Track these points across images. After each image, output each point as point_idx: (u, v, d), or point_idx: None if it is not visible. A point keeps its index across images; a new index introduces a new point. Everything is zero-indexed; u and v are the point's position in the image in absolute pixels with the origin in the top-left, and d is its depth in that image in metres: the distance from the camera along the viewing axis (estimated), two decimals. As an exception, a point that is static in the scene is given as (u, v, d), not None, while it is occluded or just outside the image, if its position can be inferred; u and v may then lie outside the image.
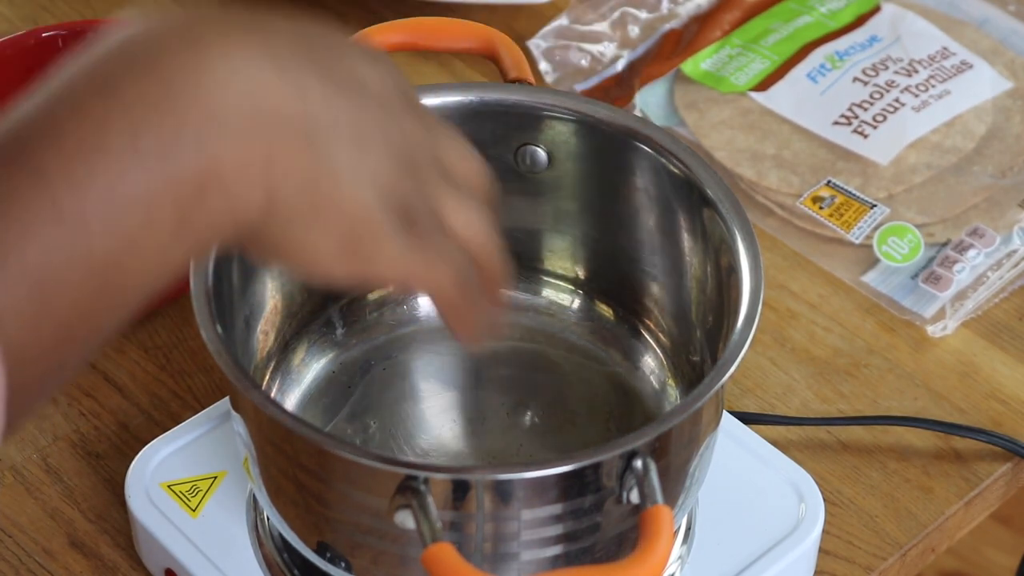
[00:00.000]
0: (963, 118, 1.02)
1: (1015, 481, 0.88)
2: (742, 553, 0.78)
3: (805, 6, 1.09)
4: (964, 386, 0.90)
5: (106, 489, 0.84)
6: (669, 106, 1.04)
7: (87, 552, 0.82)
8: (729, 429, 0.83)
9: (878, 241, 0.96)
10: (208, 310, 0.69)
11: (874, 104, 1.02)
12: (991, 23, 1.10)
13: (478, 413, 0.82)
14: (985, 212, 0.97)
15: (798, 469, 0.82)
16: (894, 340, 0.93)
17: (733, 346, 0.70)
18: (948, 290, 0.93)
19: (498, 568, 0.69)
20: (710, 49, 1.07)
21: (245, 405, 0.71)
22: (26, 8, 1.12)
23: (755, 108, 1.03)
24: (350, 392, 0.82)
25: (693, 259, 0.79)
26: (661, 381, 0.82)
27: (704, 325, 0.78)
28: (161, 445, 0.81)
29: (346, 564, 0.72)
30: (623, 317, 0.84)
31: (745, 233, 0.74)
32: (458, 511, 0.67)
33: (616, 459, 0.66)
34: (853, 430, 0.88)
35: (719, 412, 0.74)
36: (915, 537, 0.84)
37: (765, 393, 0.90)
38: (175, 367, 0.90)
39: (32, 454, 0.86)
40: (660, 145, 0.78)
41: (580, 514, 0.68)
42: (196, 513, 0.79)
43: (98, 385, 0.89)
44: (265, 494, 0.73)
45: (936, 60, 1.05)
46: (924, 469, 0.86)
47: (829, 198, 0.98)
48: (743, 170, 1.00)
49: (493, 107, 0.80)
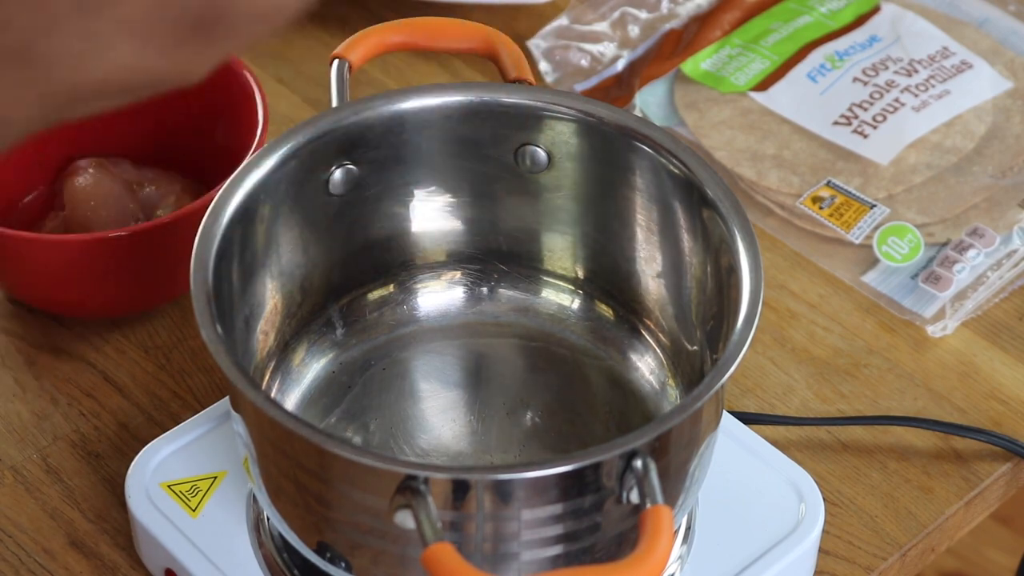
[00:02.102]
0: (963, 118, 1.02)
1: (1015, 481, 0.88)
2: (742, 553, 0.78)
3: (805, 6, 1.09)
4: (964, 386, 0.91)
5: (106, 489, 0.84)
6: (669, 106, 1.04)
7: (87, 552, 0.82)
8: (729, 429, 0.83)
9: (878, 241, 0.96)
10: (208, 310, 0.69)
11: (874, 104, 1.02)
12: (991, 23, 1.10)
13: (478, 413, 0.82)
14: (985, 212, 0.97)
15: (798, 469, 0.82)
16: (894, 340, 0.93)
17: (733, 346, 0.70)
18: (948, 290, 0.93)
19: (498, 568, 0.69)
20: (710, 49, 1.07)
21: (245, 405, 0.71)
22: (26, 8, 1.12)
23: (755, 108, 1.03)
24: (350, 392, 0.82)
25: (693, 259, 0.79)
26: (661, 381, 0.82)
27: (704, 325, 0.78)
28: (161, 445, 0.81)
29: (346, 564, 0.72)
30: (623, 317, 0.84)
31: (745, 233, 0.74)
32: (458, 511, 0.67)
33: (616, 459, 0.66)
34: (853, 430, 0.88)
35: (719, 412, 0.74)
36: (915, 537, 0.84)
37: (765, 393, 0.90)
38: (175, 367, 0.90)
39: (32, 454, 0.86)
40: (660, 145, 0.78)
41: (580, 514, 0.68)
42: (196, 513, 0.79)
43: (98, 385, 0.89)
44: (265, 494, 0.73)
45: (936, 60, 1.05)
46: (924, 469, 0.86)
47: (829, 198, 0.98)
48: (743, 170, 1.00)
49: (493, 107, 0.80)
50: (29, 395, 0.89)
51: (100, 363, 0.90)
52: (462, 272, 0.85)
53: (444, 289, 0.85)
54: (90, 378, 0.89)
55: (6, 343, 0.91)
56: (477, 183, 0.83)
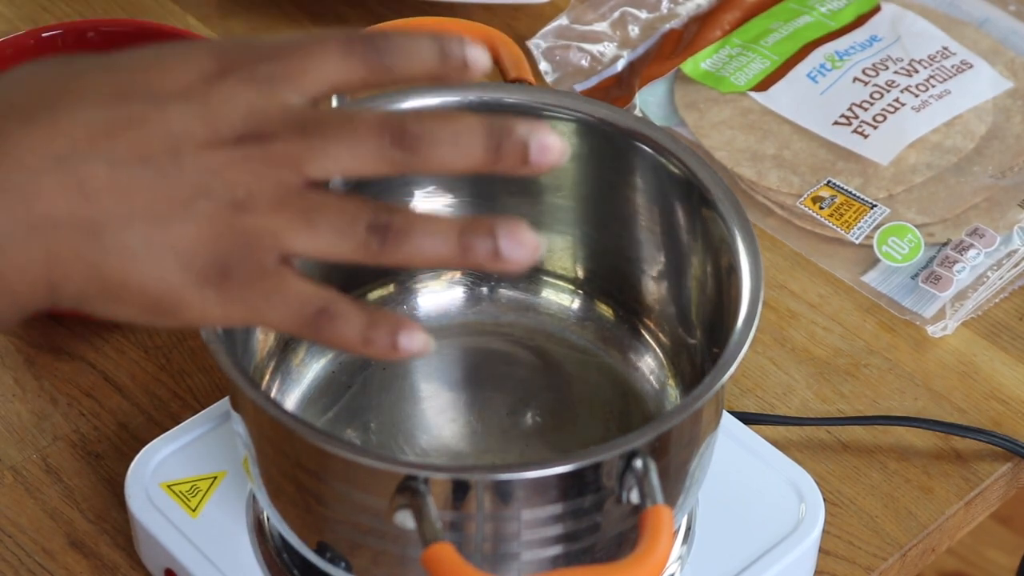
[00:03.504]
0: (963, 118, 1.02)
1: (1015, 481, 0.88)
2: (742, 553, 0.78)
3: (805, 6, 1.09)
4: (964, 386, 0.91)
5: (106, 489, 0.84)
6: (669, 106, 1.04)
7: (87, 552, 0.82)
8: (729, 429, 0.83)
9: (878, 241, 0.96)
10: (208, 310, 0.69)
11: (874, 104, 1.02)
12: (991, 23, 1.10)
13: (478, 413, 0.82)
14: (985, 212, 0.97)
15: (798, 469, 0.82)
16: (894, 340, 0.93)
17: (733, 346, 0.70)
18: (948, 290, 0.93)
19: (498, 568, 0.69)
20: (710, 49, 1.07)
21: (245, 405, 0.71)
22: (26, 8, 1.12)
23: (755, 108, 1.03)
24: (350, 392, 0.82)
25: (693, 259, 0.79)
26: (661, 381, 0.82)
27: (704, 325, 0.78)
28: (161, 445, 0.81)
29: (346, 564, 0.72)
30: (623, 317, 0.84)
31: (745, 233, 0.74)
32: (458, 511, 0.67)
33: (616, 459, 0.66)
34: (853, 430, 0.88)
35: (719, 412, 0.74)
36: (915, 537, 0.84)
37: (765, 393, 0.90)
38: (175, 367, 0.90)
39: (32, 454, 0.86)
40: (660, 145, 0.78)
41: (580, 514, 0.68)
42: (196, 513, 0.79)
43: (98, 385, 0.89)
44: (265, 494, 0.73)
45: (936, 60, 1.05)
46: (924, 469, 0.86)
47: (829, 198, 0.98)
48: (743, 170, 1.00)
49: (493, 107, 0.79)
50: (29, 395, 0.89)
51: (100, 363, 0.90)
52: (462, 272, 0.85)
53: (444, 289, 0.85)
54: (90, 378, 0.89)
55: (6, 343, 0.91)
56: (477, 183, 0.82)
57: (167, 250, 0.57)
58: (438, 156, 0.58)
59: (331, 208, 0.58)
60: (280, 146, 0.57)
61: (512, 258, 0.57)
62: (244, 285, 0.58)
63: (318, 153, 0.57)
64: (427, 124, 0.58)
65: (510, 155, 0.58)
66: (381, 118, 0.58)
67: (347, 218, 0.57)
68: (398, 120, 0.58)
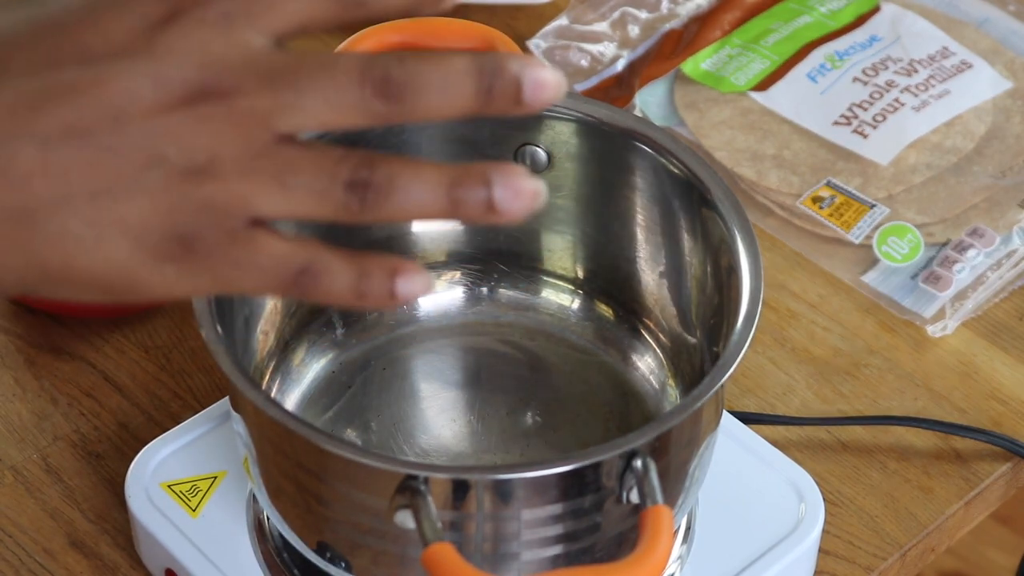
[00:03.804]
0: (963, 118, 1.02)
1: (1015, 481, 0.88)
2: (742, 553, 0.78)
3: (805, 6, 1.09)
4: (964, 386, 0.91)
5: (106, 489, 0.84)
6: (669, 106, 1.04)
7: (87, 552, 0.82)
8: (729, 429, 0.83)
9: (878, 241, 0.96)
10: (208, 310, 0.69)
11: (874, 104, 1.02)
12: (991, 23, 1.10)
13: (478, 413, 0.82)
14: (985, 212, 0.97)
15: (798, 469, 0.82)
16: (894, 340, 0.93)
17: (733, 346, 0.70)
18: (948, 290, 0.93)
19: (498, 568, 0.69)
20: (710, 49, 1.07)
21: (245, 405, 0.71)
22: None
23: (755, 108, 1.03)
24: (350, 392, 0.82)
25: (693, 259, 0.79)
26: (661, 381, 0.82)
27: (704, 325, 0.78)
28: (161, 445, 0.81)
29: (346, 564, 0.72)
30: (623, 317, 0.84)
31: (745, 233, 0.74)
32: (458, 511, 0.67)
33: (616, 459, 0.66)
34: (853, 430, 0.88)
35: (719, 412, 0.74)
36: (915, 537, 0.84)
37: (765, 393, 0.90)
38: (175, 367, 0.90)
39: (32, 454, 0.86)
40: (660, 145, 0.78)
41: (580, 514, 0.68)
42: (196, 513, 0.79)
43: (98, 385, 0.89)
44: (265, 494, 0.73)
45: (936, 60, 1.05)
46: (924, 469, 0.86)
47: (829, 198, 0.98)
48: (743, 170, 1.00)
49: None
50: (29, 395, 0.89)
51: (100, 363, 0.90)
52: (462, 272, 0.85)
53: (444, 289, 0.85)
54: (90, 378, 0.89)
55: (6, 343, 0.91)
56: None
57: (113, 230, 0.52)
58: (425, 104, 0.52)
59: (305, 166, 0.52)
60: (244, 101, 0.51)
61: (509, 209, 0.52)
62: (210, 256, 0.52)
63: (289, 108, 0.51)
64: (412, 69, 0.51)
65: (502, 95, 0.53)
66: (361, 64, 0.51)
67: (324, 176, 0.52)
68: (381, 66, 0.51)
